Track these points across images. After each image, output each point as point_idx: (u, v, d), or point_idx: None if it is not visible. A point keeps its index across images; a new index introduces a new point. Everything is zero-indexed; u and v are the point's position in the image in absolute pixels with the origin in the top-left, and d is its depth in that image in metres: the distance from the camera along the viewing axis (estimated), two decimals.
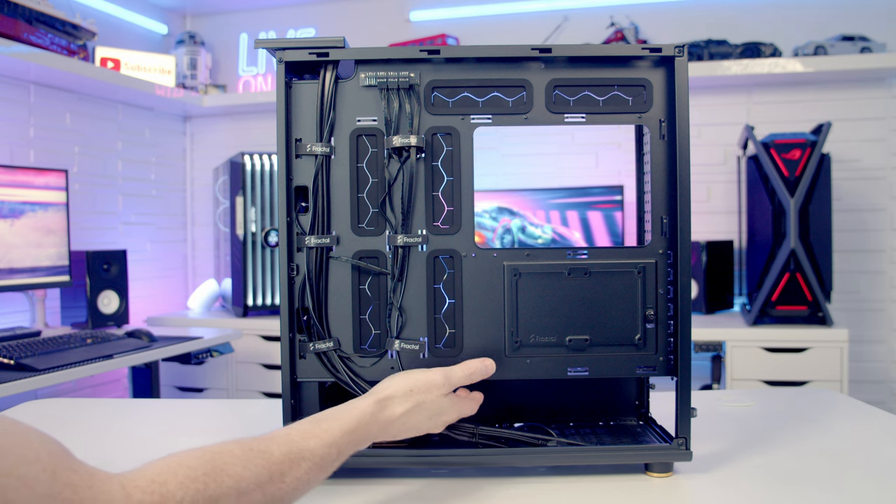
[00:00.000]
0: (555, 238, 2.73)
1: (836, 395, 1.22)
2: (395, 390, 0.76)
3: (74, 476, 0.48)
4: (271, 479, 0.60)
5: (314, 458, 0.64)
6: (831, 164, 2.32)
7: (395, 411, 0.75)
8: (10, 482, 0.44)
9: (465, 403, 0.82)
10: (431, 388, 0.78)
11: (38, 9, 2.18)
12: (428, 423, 0.78)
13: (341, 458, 0.68)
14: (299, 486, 0.63)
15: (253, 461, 0.59)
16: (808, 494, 0.77)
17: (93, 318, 2.31)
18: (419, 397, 0.77)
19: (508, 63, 0.84)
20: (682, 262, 0.83)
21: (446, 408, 0.79)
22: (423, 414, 0.77)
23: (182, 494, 0.53)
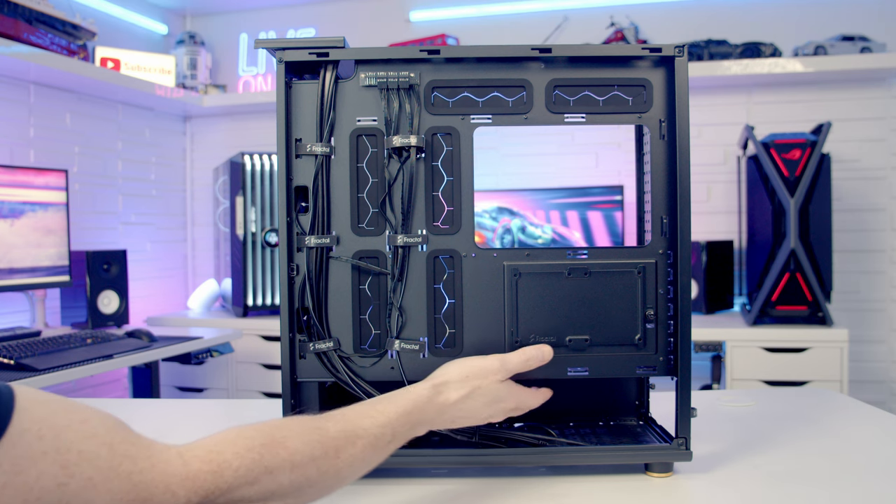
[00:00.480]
0: (555, 238, 2.73)
1: (837, 395, 1.22)
2: (450, 376, 0.77)
3: (132, 448, 0.50)
4: (325, 454, 0.61)
5: (368, 437, 0.65)
6: (831, 164, 2.32)
7: (451, 396, 0.75)
8: (71, 458, 0.46)
9: (526, 393, 0.82)
10: (487, 373, 0.78)
11: (38, 9, 2.18)
12: (485, 410, 0.78)
13: (397, 441, 0.69)
14: (354, 463, 0.64)
15: (309, 436, 0.61)
16: (807, 494, 0.77)
17: (93, 318, 2.31)
18: (475, 382, 0.77)
19: (508, 63, 0.84)
20: (682, 262, 0.83)
21: (503, 394, 0.78)
22: (478, 400, 0.77)
23: (238, 463, 0.55)
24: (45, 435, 0.46)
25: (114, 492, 0.48)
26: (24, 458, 0.44)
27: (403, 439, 0.70)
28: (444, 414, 0.75)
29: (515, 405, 0.80)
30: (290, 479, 0.58)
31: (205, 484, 0.53)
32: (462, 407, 0.76)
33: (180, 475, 0.52)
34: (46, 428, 0.46)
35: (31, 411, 0.46)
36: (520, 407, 0.81)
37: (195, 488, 0.52)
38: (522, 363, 0.80)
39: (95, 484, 0.47)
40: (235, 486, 0.54)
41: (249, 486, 0.55)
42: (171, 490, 0.51)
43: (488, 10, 3.00)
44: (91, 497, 0.47)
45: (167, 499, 0.51)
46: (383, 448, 0.67)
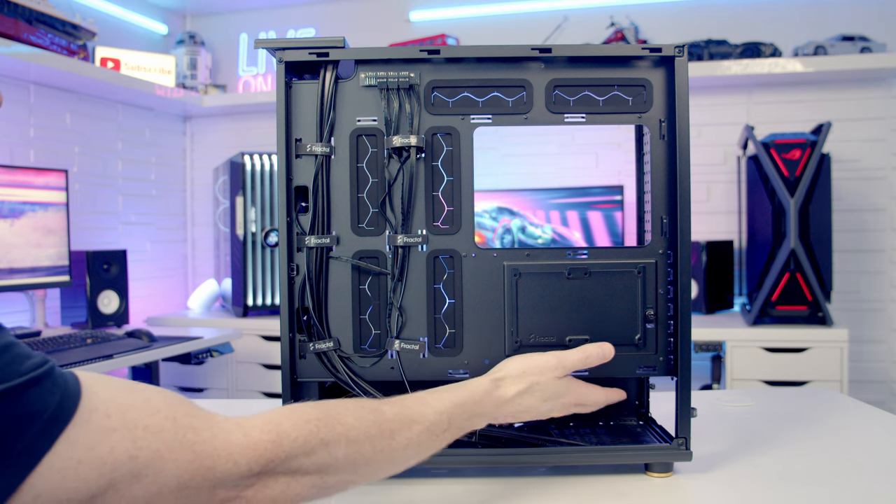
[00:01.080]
0: (555, 238, 2.73)
1: (837, 395, 1.22)
2: (509, 371, 0.77)
3: (194, 420, 0.53)
4: (381, 434, 0.63)
5: (424, 422, 0.66)
6: (831, 164, 2.32)
7: (509, 391, 0.75)
8: (138, 433, 0.50)
9: (587, 389, 0.81)
10: (544, 370, 0.78)
11: (38, 9, 2.18)
12: (543, 405, 0.78)
13: (453, 430, 0.69)
14: (409, 446, 0.65)
15: (365, 416, 0.63)
16: (807, 494, 0.77)
17: (93, 318, 2.31)
18: (532, 378, 0.77)
19: (508, 63, 0.84)
20: (682, 262, 0.83)
21: (561, 391, 0.79)
22: (536, 395, 0.77)
23: (296, 434, 0.57)
24: (113, 413, 0.49)
25: (179, 461, 0.51)
26: (96, 435, 0.48)
27: (460, 430, 0.71)
28: (502, 408, 0.75)
29: (577, 400, 0.80)
30: (345, 453, 0.60)
31: (265, 453, 0.55)
32: (520, 402, 0.76)
33: (241, 444, 0.54)
34: (113, 407, 0.50)
35: (97, 394, 0.49)
36: (583, 402, 0.81)
37: (256, 457, 0.55)
38: (581, 361, 0.80)
39: (163, 455, 0.50)
40: (293, 455, 0.57)
41: (306, 457, 0.57)
42: (232, 458, 0.54)
43: (488, 10, 3.00)
44: (160, 467, 0.50)
45: (229, 467, 0.53)
46: (439, 436, 0.68)
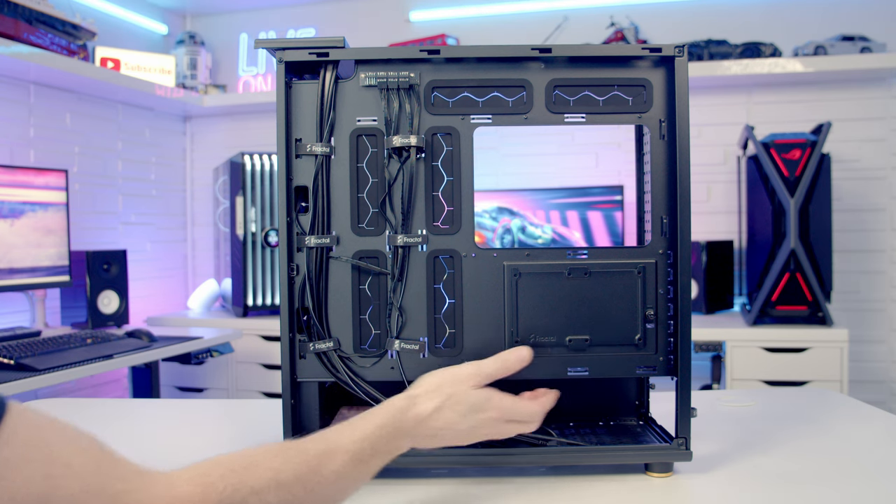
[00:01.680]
0: (555, 238, 2.73)
1: (837, 395, 1.22)
2: (425, 386, 0.74)
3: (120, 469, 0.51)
4: (310, 471, 0.62)
5: (348, 452, 0.65)
6: (831, 164, 2.32)
7: (426, 407, 0.72)
8: (58, 470, 0.47)
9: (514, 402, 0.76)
10: (460, 379, 0.74)
11: (38, 9, 2.18)
12: (463, 421, 0.73)
13: (379, 455, 0.68)
14: (338, 480, 0.64)
15: (291, 456, 0.62)
16: (807, 494, 0.77)
17: (93, 318, 2.31)
18: (448, 390, 0.73)
19: (508, 63, 0.84)
20: (682, 262, 0.83)
21: (480, 402, 0.74)
22: (455, 410, 0.72)
23: (223, 485, 0.55)
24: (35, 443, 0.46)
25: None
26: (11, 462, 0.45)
27: (388, 454, 0.69)
28: (423, 425, 0.71)
29: (504, 415, 0.75)
30: (277, 498, 0.58)
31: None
32: (437, 418, 0.72)
33: (168, 498, 0.52)
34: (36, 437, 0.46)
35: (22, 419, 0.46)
36: (514, 418, 0.76)
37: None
38: (500, 367, 0.78)
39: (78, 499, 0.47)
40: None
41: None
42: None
43: (488, 10, 3.00)
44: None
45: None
46: (366, 462, 0.67)
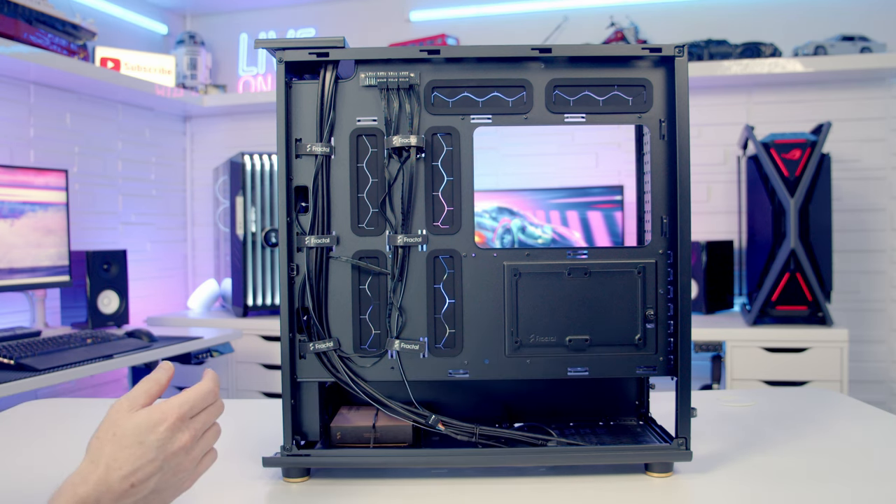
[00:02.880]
0: (555, 238, 2.73)
1: (837, 395, 1.22)
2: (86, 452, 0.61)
3: None
4: None
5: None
6: (831, 164, 2.32)
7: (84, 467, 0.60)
8: None
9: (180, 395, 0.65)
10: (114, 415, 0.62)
11: (38, 9, 2.18)
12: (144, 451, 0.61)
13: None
14: None
15: None
16: (807, 494, 0.77)
17: (93, 318, 2.31)
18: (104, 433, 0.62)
19: (508, 63, 0.84)
20: (682, 262, 0.83)
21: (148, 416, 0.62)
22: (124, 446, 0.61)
23: None
24: None
25: None
26: None
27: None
28: (102, 484, 0.59)
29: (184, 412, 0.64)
30: None
31: None
32: (112, 460, 0.60)
33: None
34: None
35: None
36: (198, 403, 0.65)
37: None
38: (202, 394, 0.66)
39: None
40: None
41: None
42: None
43: (488, 10, 3.00)
44: None
45: None
46: None
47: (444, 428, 0.84)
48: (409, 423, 0.86)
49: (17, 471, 0.90)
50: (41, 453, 0.95)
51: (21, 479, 0.86)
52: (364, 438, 0.87)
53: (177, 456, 0.63)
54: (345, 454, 0.84)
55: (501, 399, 0.96)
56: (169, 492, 0.64)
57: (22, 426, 1.11)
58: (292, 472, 0.83)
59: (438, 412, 0.85)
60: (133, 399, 0.64)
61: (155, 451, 0.61)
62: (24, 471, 0.89)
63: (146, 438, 0.61)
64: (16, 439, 1.03)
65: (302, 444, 0.86)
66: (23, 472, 0.89)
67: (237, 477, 0.84)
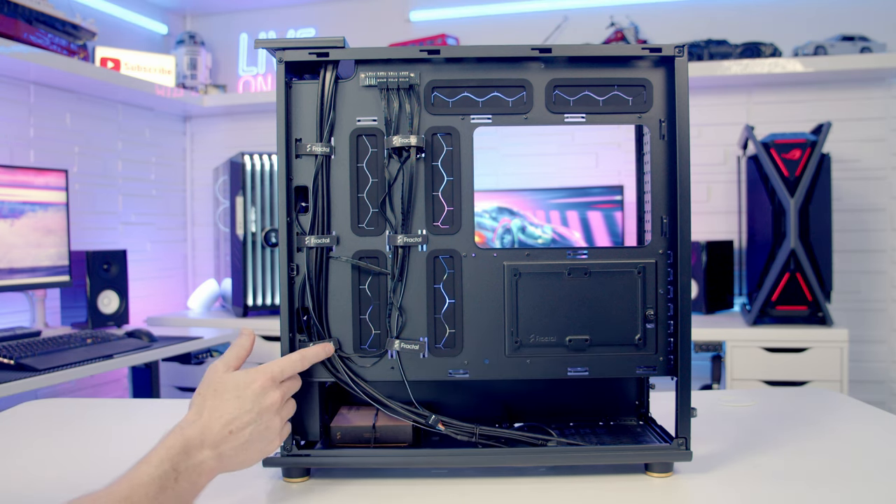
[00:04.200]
0: (555, 238, 2.73)
1: (836, 395, 1.22)
2: None
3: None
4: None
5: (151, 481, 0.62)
6: (831, 164, 2.32)
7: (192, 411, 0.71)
8: None
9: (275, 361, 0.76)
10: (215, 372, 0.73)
11: (38, 9, 2.18)
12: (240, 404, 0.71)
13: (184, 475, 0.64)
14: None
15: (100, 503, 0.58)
16: (807, 494, 0.77)
17: (93, 318, 2.31)
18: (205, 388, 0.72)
19: (508, 63, 0.84)
20: (682, 262, 0.83)
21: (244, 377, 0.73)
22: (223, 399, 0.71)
23: None
24: None
25: None
26: None
27: (193, 471, 0.66)
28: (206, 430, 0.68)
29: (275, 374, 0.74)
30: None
31: None
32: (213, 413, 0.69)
33: None
34: None
35: None
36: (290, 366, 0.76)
37: None
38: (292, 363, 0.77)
39: None
40: None
41: None
42: None
43: (488, 10, 3.00)
44: None
45: None
46: (171, 487, 0.63)
47: (444, 428, 0.84)
48: (409, 423, 0.86)
49: (17, 471, 0.90)
50: (41, 453, 0.95)
51: (21, 480, 0.86)
52: (364, 438, 0.87)
53: (269, 412, 0.72)
54: (345, 454, 0.83)
55: (501, 399, 0.96)
56: (258, 446, 0.72)
57: (22, 426, 1.11)
58: (292, 472, 0.83)
59: (438, 412, 0.85)
60: (227, 361, 0.75)
61: (250, 403, 0.71)
62: (23, 471, 0.89)
63: (243, 393, 0.71)
64: (16, 439, 1.03)
65: (302, 444, 0.86)
66: (23, 472, 0.89)
67: (237, 477, 0.84)
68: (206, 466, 0.67)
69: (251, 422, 0.71)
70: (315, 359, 0.81)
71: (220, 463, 0.69)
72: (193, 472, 0.66)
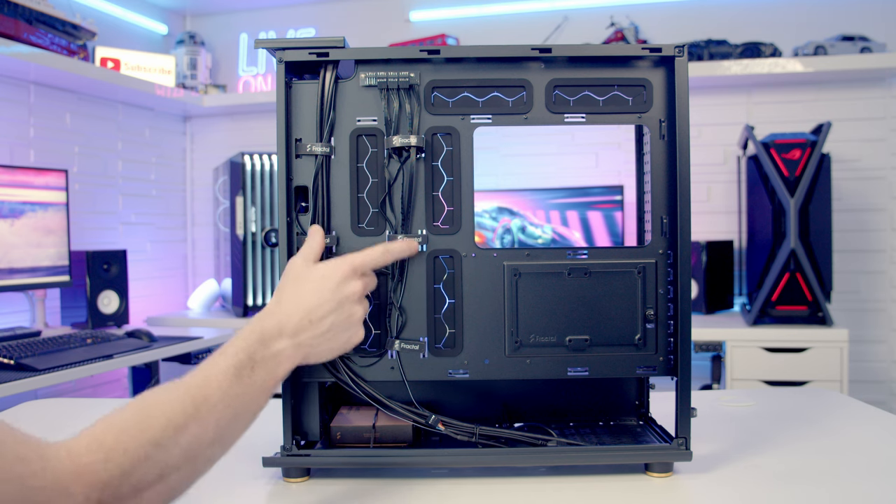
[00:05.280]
0: (555, 238, 2.73)
1: (837, 395, 1.22)
2: None
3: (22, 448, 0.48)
4: (197, 405, 0.59)
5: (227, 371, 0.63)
6: (831, 164, 2.32)
7: (273, 299, 0.72)
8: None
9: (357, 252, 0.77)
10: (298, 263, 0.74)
11: (38, 9, 2.18)
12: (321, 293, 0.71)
13: (261, 365, 0.65)
14: (230, 402, 0.61)
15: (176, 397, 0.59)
16: (807, 494, 0.77)
17: (93, 318, 2.31)
18: (288, 279, 0.73)
19: (508, 63, 0.84)
20: (682, 262, 0.83)
21: (327, 266, 0.73)
22: (305, 288, 0.71)
23: (123, 446, 0.53)
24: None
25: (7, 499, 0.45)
26: None
27: (271, 361, 0.66)
28: (287, 319, 0.69)
29: (356, 265, 0.74)
30: (176, 441, 0.56)
31: (98, 475, 0.51)
32: (293, 302, 0.70)
33: (72, 472, 0.50)
34: None
35: None
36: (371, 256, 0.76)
37: (90, 482, 0.50)
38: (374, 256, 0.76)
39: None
40: (129, 469, 0.53)
41: (143, 465, 0.53)
42: (66, 491, 0.49)
43: (488, 10, 3.00)
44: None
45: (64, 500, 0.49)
46: (250, 375, 0.64)
47: (444, 428, 0.84)
48: (409, 423, 0.86)
49: None
50: None
51: None
52: (364, 438, 0.87)
53: (349, 301, 0.72)
54: (345, 454, 0.84)
55: (501, 399, 0.96)
56: (342, 336, 0.73)
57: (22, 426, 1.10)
58: (292, 472, 0.83)
59: (438, 412, 0.85)
60: (304, 255, 0.75)
61: (330, 293, 0.71)
62: None
63: (323, 283, 0.71)
64: None
65: (302, 444, 0.86)
66: None
67: (237, 477, 0.84)
68: (284, 355, 0.68)
69: (332, 311, 0.71)
70: (399, 254, 0.79)
71: (300, 352, 0.69)
72: (271, 361, 0.66)
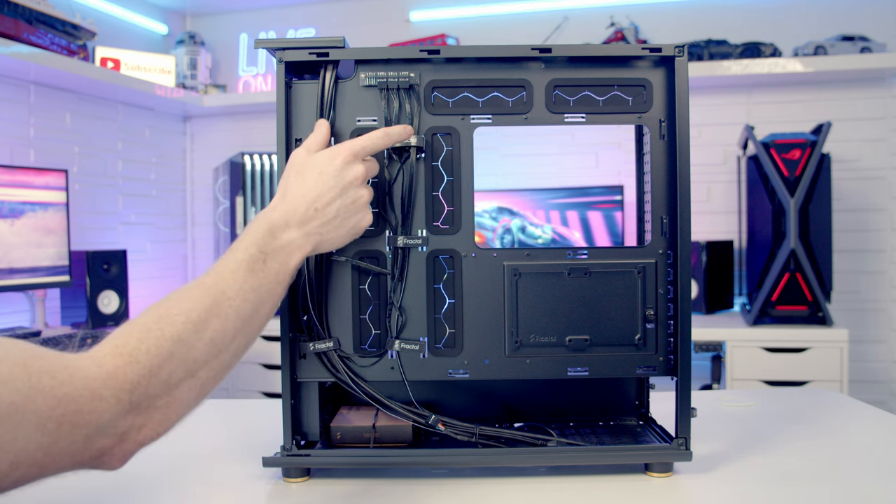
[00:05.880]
0: (555, 238, 2.73)
1: (837, 395, 1.22)
2: None
3: (46, 363, 0.49)
4: (216, 302, 0.61)
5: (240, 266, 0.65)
6: (831, 164, 2.32)
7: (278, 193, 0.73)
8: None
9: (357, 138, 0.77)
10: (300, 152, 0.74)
11: (38, 9, 2.18)
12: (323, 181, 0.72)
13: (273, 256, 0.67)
14: (246, 296, 0.64)
15: (193, 296, 0.61)
16: (807, 494, 0.77)
17: (93, 318, 2.31)
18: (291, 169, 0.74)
19: (508, 63, 0.84)
20: (682, 262, 0.83)
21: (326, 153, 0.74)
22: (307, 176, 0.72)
23: (146, 345, 0.55)
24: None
25: (39, 410, 0.47)
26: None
27: (281, 251, 0.68)
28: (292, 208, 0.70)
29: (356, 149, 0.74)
30: (198, 337, 0.58)
31: (126, 376, 0.53)
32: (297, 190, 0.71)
33: (100, 376, 0.51)
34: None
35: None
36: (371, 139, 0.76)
37: (119, 385, 0.52)
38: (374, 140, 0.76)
39: (18, 407, 0.45)
40: (155, 367, 0.55)
41: (169, 362, 0.56)
42: (97, 394, 0.51)
43: (488, 10, 3.00)
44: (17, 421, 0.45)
45: (96, 405, 0.50)
46: (261, 269, 0.66)
47: (444, 428, 0.84)
48: (409, 423, 0.86)
49: None
50: None
51: None
52: (364, 438, 0.87)
53: (353, 186, 0.73)
54: (345, 454, 0.84)
55: (501, 399, 0.96)
56: (350, 221, 0.74)
57: None
58: (292, 472, 0.83)
59: (438, 412, 0.85)
60: (307, 146, 0.75)
61: (333, 179, 0.72)
62: None
63: (325, 169, 0.72)
64: None
65: (302, 444, 0.86)
66: None
67: (237, 477, 0.84)
68: (295, 245, 0.69)
69: (336, 197, 0.72)
70: (398, 137, 0.79)
71: (310, 241, 0.71)
72: (282, 252, 0.68)
